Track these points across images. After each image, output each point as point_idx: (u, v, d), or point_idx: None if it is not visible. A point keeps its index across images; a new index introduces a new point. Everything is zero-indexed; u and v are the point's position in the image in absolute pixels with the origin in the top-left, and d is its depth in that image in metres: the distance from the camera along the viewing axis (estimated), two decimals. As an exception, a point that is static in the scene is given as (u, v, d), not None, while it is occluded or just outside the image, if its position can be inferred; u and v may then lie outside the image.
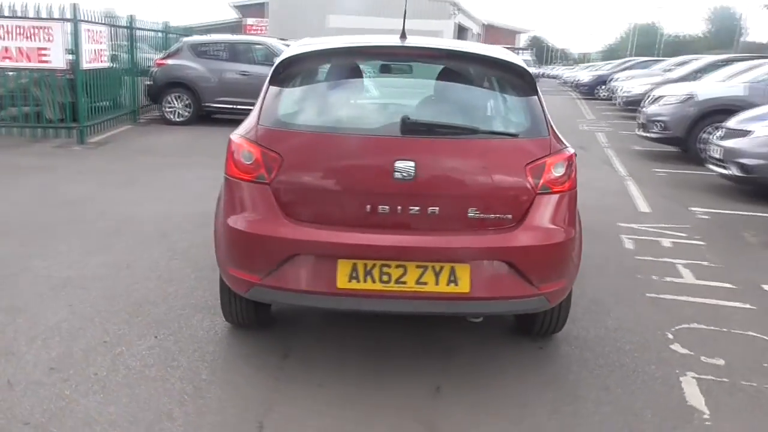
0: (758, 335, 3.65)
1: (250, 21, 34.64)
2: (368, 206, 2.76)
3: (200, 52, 12.06)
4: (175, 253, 4.69)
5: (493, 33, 51.56)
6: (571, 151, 2.96)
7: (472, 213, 2.78)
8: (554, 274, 2.88)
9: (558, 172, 2.86)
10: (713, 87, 9.83)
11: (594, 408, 2.84)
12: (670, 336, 3.59)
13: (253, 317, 3.31)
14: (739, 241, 5.59)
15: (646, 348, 3.43)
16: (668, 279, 4.49)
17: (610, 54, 74.28)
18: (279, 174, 2.79)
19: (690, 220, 6.14)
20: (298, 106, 3.11)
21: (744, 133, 6.95)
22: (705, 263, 4.86)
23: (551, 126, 2.97)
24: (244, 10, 40.66)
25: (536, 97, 3.03)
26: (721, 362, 3.30)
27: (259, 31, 31.39)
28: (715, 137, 7.54)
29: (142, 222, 5.45)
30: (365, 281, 2.74)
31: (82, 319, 3.55)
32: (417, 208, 2.75)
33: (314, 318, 3.63)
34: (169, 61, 11.99)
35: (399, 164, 2.73)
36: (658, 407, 2.86)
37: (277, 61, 3.14)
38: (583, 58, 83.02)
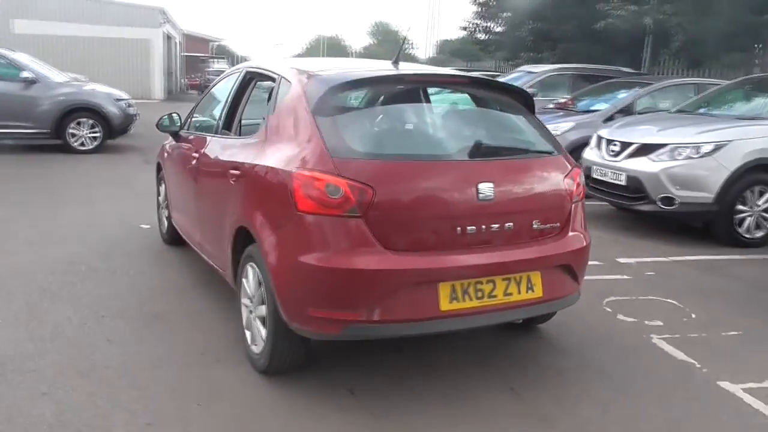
0: (656, 298, 4.57)
1: None
2: (458, 228, 2.88)
3: None
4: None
5: (191, 42, 50.39)
6: None
7: (535, 225, 3.08)
8: (585, 270, 3.33)
9: (581, 181, 3.31)
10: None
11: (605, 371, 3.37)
12: (609, 309, 4.31)
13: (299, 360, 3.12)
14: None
15: (602, 321, 4.07)
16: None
17: (300, 64, 78.22)
18: (372, 206, 2.73)
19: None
20: (364, 134, 3.05)
21: (654, 148, 6.29)
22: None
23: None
24: None
25: (536, 117, 3.44)
26: (660, 323, 4.10)
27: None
28: (605, 155, 6.78)
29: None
30: (464, 300, 2.86)
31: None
32: (497, 225, 2.95)
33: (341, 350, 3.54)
34: None
35: (482, 186, 2.90)
36: (666, 370, 3.50)
37: (315, 89, 3.02)
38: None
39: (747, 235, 6.17)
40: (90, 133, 10.89)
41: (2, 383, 3.07)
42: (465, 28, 21.14)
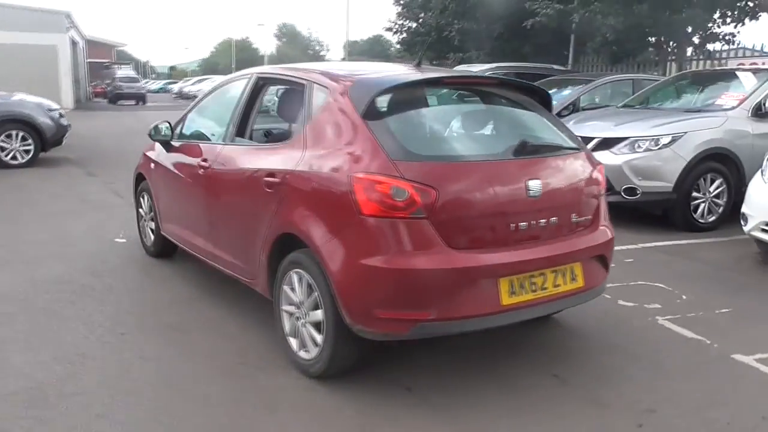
0: (645, 283, 4.88)
1: None
2: (512, 225, 3.00)
3: None
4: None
5: (93, 47, 48.32)
6: None
7: (573, 218, 3.25)
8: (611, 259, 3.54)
9: (604, 175, 3.51)
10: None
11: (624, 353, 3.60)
12: (608, 295, 4.56)
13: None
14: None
15: (607, 307, 4.31)
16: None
17: (209, 68, 76.79)
18: (436, 206, 2.81)
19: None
20: (417, 137, 3.12)
21: (615, 142, 6.60)
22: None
23: None
24: None
25: (554, 115, 3.63)
26: (659, 306, 4.39)
27: None
28: None
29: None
30: (521, 294, 2.99)
31: None
32: (544, 220, 3.10)
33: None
34: None
35: (531, 183, 3.04)
36: (683, 348, 3.76)
37: (361, 94, 3.06)
38: (182, 73, 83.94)
39: (701, 220, 6.65)
40: (22, 146, 10.30)
41: (52, 409, 2.93)
42: (390, 29, 21.45)
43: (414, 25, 19.87)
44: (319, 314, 3.08)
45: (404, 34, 20.74)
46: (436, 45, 18.74)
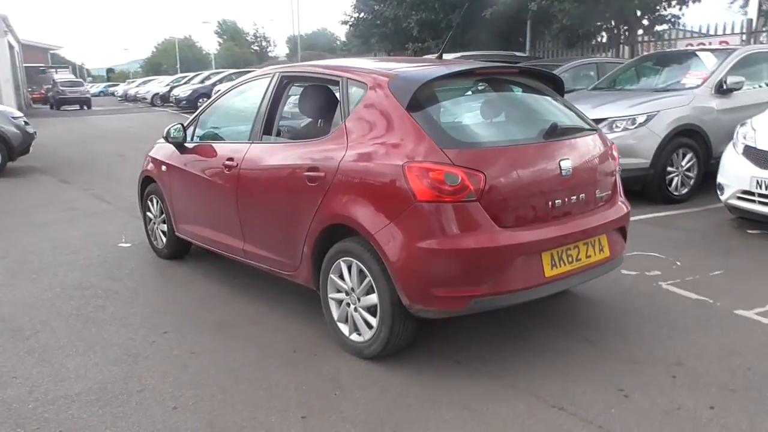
0: (640, 252, 5.24)
1: None
2: (549, 203, 3.26)
3: None
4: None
5: (28, 51, 46.71)
6: None
7: (598, 194, 3.53)
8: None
9: (617, 153, 3.81)
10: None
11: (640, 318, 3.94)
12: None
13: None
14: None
15: (613, 276, 4.64)
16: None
17: (151, 68, 75.18)
18: (485, 189, 3.04)
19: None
20: (461, 126, 3.35)
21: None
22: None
23: None
24: None
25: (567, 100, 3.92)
26: (659, 272, 4.74)
27: None
28: None
29: None
30: (560, 266, 3.26)
31: None
32: (574, 197, 3.37)
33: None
34: None
35: (563, 163, 3.31)
36: (691, 309, 4.11)
37: (403, 89, 3.26)
38: (123, 75, 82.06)
39: (675, 193, 7.10)
40: (-12, 156, 10.09)
41: (123, 405, 3.05)
42: (345, 22, 21.55)
43: (370, 17, 20.00)
44: (373, 298, 3.28)
45: (360, 26, 20.86)
46: (394, 36, 18.97)
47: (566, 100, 3.93)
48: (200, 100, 25.30)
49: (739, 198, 5.74)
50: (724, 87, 7.31)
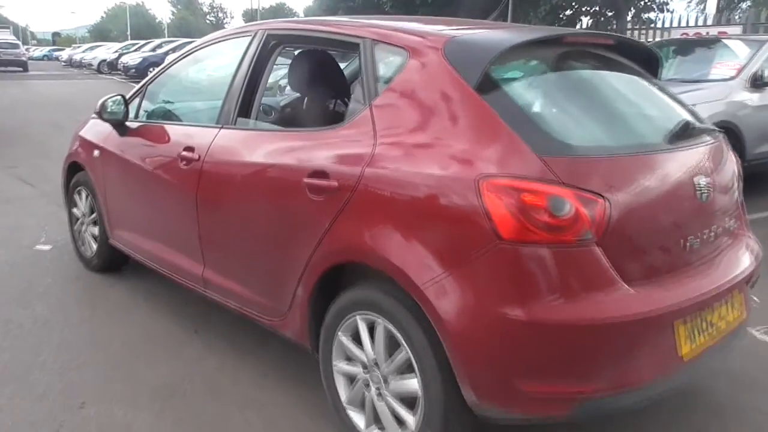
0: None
1: None
2: (682, 242, 2.13)
3: None
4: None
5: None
6: None
7: (728, 225, 2.42)
8: None
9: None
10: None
11: None
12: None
13: None
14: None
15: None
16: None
17: (100, 34, 71.83)
18: (609, 224, 1.89)
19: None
20: (560, 121, 2.14)
21: None
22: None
23: None
24: None
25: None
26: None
27: None
28: None
29: None
30: (697, 339, 2.13)
31: None
32: (709, 231, 2.26)
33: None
34: None
35: (701, 181, 2.18)
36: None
37: (469, 60, 2.07)
38: (69, 39, 78.79)
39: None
40: None
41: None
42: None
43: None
44: (411, 383, 2.10)
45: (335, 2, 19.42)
46: (368, 12, 17.64)
47: (668, 88, 2.79)
48: (150, 69, 23.50)
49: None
50: (761, 80, 6.39)
